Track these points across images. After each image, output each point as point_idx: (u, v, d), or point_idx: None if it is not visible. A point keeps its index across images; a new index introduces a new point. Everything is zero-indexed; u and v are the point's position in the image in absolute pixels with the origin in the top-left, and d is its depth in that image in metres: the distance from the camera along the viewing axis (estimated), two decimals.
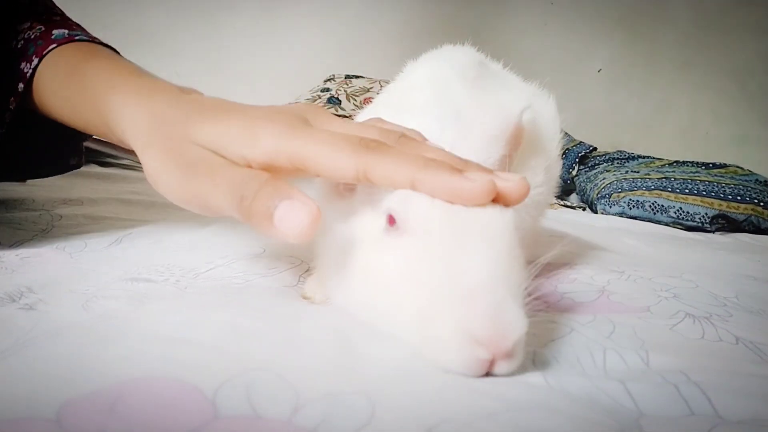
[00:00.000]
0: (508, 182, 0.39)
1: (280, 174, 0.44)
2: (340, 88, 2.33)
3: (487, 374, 0.35)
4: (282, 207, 0.38)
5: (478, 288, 0.35)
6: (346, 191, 0.47)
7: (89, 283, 0.53)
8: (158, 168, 0.48)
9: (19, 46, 0.71)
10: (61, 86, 0.67)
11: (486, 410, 0.32)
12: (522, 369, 0.38)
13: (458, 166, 0.40)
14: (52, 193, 1.00)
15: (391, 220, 0.40)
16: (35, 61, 0.69)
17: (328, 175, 0.43)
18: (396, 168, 0.40)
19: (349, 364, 0.37)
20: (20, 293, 0.49)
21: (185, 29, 2.66)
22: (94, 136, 0.71)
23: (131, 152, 0.53)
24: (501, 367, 0.35)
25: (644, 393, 0.35)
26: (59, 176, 1.23)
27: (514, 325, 0.34)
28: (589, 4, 2.66)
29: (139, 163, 0.51)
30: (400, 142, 0.44)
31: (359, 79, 2.41)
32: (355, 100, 2.25)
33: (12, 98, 0.70)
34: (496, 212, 0.38)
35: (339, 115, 2.41)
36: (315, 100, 2.23)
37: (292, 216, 0.38)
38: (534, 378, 0.37)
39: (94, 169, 1.46)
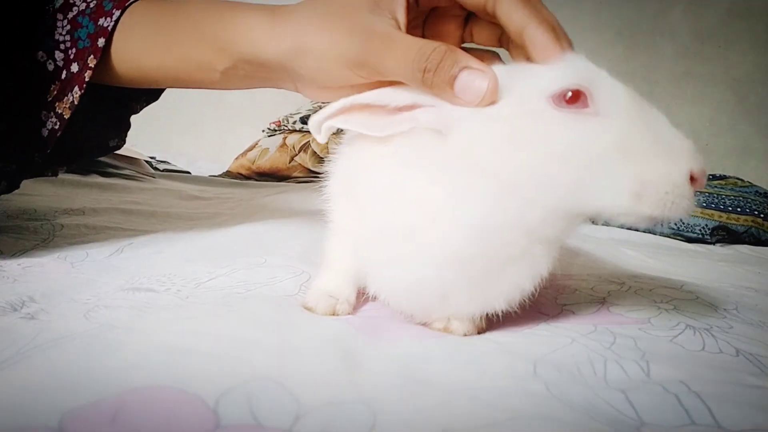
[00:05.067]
0: None
1: None
2: None
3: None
4: (462, 77, 0.42)
5: (687, 144, 0.41)
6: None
7: (90, 293, 0.53)
8: (326, 45, 0.49)
9: (92, 5, 0.68)
10: (153, 30, 0.65)
11: (487, 419, 0.32)
12: (523, 379, 0.38)
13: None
14: (53, 203, 1.00)
15: (573, 99, 0.41)
16: (116, 13, 0.66)
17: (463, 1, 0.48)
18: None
19: (350, 373, 0.37)
20: (22, 302, 0.49)
21: None
22: (177, 86, 0.69)
23: (133, 162, 0.53)
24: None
25: (645, 402, 0.35)
26: (60, 185, 1.24)
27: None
28: (589, 16, 2.68)
29: (140, 173, 0.51)
30: None
31: None
32: None
33: (91, 56, 0.67)
34: None
35: None
36: (316, 109, 2.24)
37: (472, 85, 0.42)
38: (535, 387, 0.37)
39: (96, 179, 1.46)
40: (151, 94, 0.82)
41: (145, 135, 0.91)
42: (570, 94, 0.40)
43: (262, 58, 0.54)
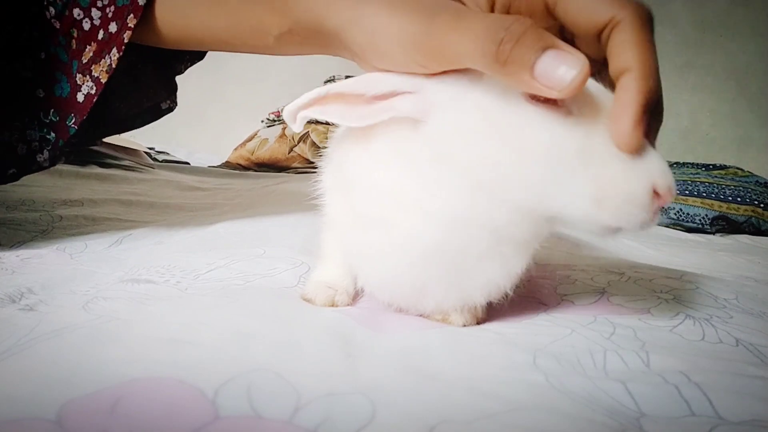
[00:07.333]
0: None
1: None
2: None
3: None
4: (547, 57, 0.35)
5: (654, 157, 0.38)
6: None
7: (89, 284, 0.53)
8: (383, 19, 0.42)
9: None
10: None
11: (487, 410, 0.32)
12: (522, 369, 0.38)
13: None
14: (52, 194, 1.00)
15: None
16: None
17: (575, 19, 0.39)
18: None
19: (349, 364, 0.37)
20: (20, 294, 0.49)
21: None
22: (227, 50, 0.63)
23: (132, 153, 0.53)
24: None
25: (645, 393, 0.35)
26: (59, 177, 1.23)
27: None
28: None
29: (139, 164, 0.50)
30: None
31: None
32: None
33: (131, 15, 0.61)
34: None
35: None
36: None
37: (558, 68, 0.34)
38: (535, 378, 0.37)
39: (95, 170, 1.46)
40: (196, 53, 0.77)
41: (145, 126, 0.90)
42: None
43: (318, 26, 0.49)
